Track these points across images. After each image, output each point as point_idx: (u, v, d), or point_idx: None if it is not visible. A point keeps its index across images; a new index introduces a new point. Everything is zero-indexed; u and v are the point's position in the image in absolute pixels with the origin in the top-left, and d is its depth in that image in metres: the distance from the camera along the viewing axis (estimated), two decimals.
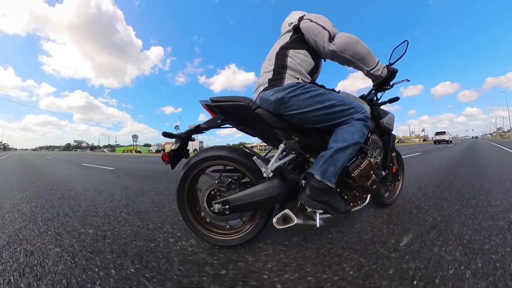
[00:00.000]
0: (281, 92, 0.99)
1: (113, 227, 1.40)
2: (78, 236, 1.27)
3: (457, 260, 0.90)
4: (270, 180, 1.01)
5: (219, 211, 1.02)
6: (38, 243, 1.18)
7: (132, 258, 1.00)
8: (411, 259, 0.92)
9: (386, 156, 1.42)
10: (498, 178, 2.63)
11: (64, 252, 1.07)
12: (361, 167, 1.06)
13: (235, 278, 0.85)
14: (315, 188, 0.93)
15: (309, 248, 1.05)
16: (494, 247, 1.00)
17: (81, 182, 3.25)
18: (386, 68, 1.13)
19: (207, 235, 1.11)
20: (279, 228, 0.98)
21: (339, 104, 0.99)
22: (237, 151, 1.08)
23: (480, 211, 1.49)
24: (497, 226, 1.23)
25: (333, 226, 1.28)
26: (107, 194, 2.40)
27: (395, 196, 1.68)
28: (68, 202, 2.06)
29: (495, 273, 0.82)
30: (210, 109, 1.09)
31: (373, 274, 0.83)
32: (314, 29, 1.02)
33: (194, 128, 1.14)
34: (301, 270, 0.88)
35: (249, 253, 1.03)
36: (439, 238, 1.10)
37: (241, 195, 1.00)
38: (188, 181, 1.11)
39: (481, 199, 1.78)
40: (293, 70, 1.04)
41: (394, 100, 1.44)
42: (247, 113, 1.02)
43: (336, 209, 0.96)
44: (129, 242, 1.17)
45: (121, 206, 1.88)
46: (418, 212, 1.50)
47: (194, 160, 1.09)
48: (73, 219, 1.58)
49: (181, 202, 1.12)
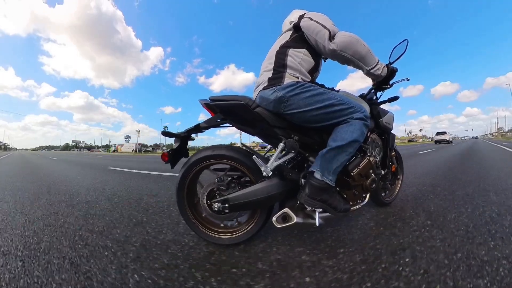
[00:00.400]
0: (281, 91, 0.99)
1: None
2: None
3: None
4: (270, 179, 1.01)
5: (219, 210, 1.03)
6: None
7: None
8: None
9: (385, 155, 1.42)
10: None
11: None
12: (360, 166, 1.06)
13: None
14: (315, 187, 0.93)
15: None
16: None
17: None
18: (386, 67, 1.13)
19: (206, 234, 1.11)
20: (279, 226, 0.98)
21: (339, 104, 0.99)
22: (236, 150, 1.08)
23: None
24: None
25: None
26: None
27: (394, 195, 1.69)
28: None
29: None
30: (209, 108, 1.09)
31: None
32: (315, 28, 1.02)
33: (193, 127, 1.14)
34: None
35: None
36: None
37: (240, 194, 1.00)
38: (188, 180, 1.11)
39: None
40: (293, 69, 1.04)
41: (394, 99, 1.44)
42: (247, 112, 1.02)
43: (336, 208, 0.96)
44: None
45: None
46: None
47: (193, 159, 1.09)
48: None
49: (180, 201, 1.13)
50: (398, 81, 1.31)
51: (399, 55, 1.26)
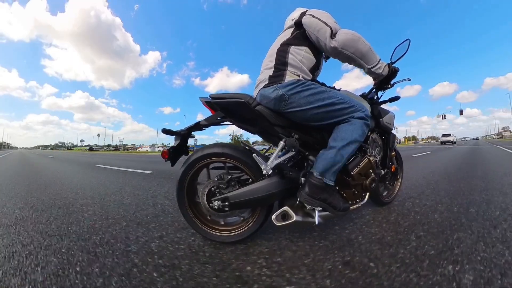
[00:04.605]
0: (282, 89, 0.99)
1: None
2: None
3: None
4: (270, 177, 1.01)
5: (219, 208, 1.02)
6: None
7: None
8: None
9: (385, 155, 1.42)
10: None
11: None
12: (360, 166, 1.06)
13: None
14: (314, 185, 0.93)
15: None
16: None
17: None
18: (388, 67, 1.12)
19: (206, 232, 1.11)
20: (278, 225, 0.98)
21: (340, 102, 0.98)
22: (237, 148, 1.08)
23: None
24: None
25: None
26: None
27: (394, 195, 1.69)
28: None
29: None
30: (210, 106, 1.08)
31: None
32: (316, 25, 1.01)
33: (194, 125, 1.13)
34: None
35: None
36: None
37: (240, 192, 1.00)
38: (188, 178, 1.11)
39: None
40: (294, 67, 1.03)
41: (395, 99, 1.43)
42: (247, 110, 1.02)
43: (335, 207, 0.96)
44: None
45: None
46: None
47: (194, 157, 1.09)
48: None
49: (181, 199, 1.13)
50: (399, 81, 1.31)
51: (401, 55, 1.26)
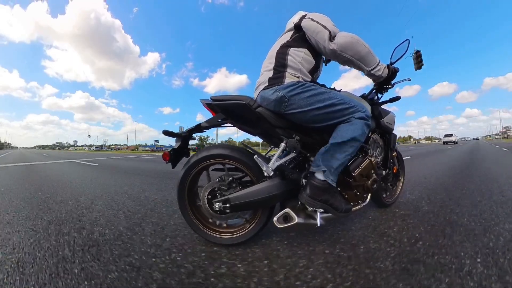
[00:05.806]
0: (282, 91, 0.99)
1: None
2: None
3: None
4: (271, 179, 1.00)
5: (220, 210, 1.02)
6: None
7: None
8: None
9: (387, 156, 1.42)
10: None
11: None
12: (361, 167, 1.06)
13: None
14: (316, 187, 0.93)
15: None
16: None
17: None
18: (387, 68, 1.12)
19: (207, 234, 1.11)
20: (280, 227, 0.98)
21: (340, 103, 0.98)
22: (238, 150, 1.08)
23: None
24: None
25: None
26: None
27: (396, 197, 1.68)
28: None
29: None
30: (210, 108, 1.09)
31: None
32: (315, 28, 1.02)
33: (195, 127, 1.13)
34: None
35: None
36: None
37: (241, 194, 1.00)
38: (189, 179, 1.11)
39: None
40: (293, 69, 1.04)
41: (395, 99, 1.43)
42: (248, 112, 1.02)
43: (337, 208, 0.96)
44: None
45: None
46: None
47: (194, 159, 1.09)
48: None
49: (181, 200, 1.12)
50: (399, 81, 1.31)
51: (401, 55, 1.26)
